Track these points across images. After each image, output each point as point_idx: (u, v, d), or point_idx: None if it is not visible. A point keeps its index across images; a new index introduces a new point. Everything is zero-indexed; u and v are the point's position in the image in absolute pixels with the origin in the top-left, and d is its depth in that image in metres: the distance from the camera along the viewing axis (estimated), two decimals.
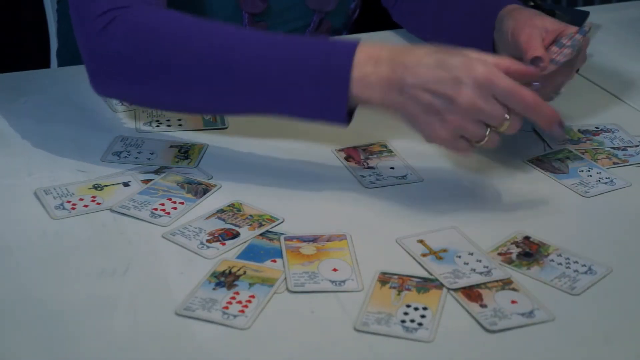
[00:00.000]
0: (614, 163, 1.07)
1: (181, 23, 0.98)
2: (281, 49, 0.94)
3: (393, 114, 0.94)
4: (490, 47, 1.15)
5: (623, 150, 1.10)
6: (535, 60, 1.01)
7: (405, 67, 0.91)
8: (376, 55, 0.93)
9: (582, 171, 1.05)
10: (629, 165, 1.07)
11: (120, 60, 0.98)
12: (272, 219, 0.94)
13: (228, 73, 0.95)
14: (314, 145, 1.08)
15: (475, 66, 0.89)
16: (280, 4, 1.29)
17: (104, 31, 0.98)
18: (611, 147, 1.10)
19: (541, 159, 1.08)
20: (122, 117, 1.13)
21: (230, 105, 0.98)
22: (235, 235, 0.91)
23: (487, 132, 0.90)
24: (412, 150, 1.08)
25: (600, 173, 1.05)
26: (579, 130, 1.14)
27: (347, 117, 0.95)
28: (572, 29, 1.06)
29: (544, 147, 1.11)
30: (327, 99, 0.93)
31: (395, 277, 0.86)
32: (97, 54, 0.99)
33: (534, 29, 1.06)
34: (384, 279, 0.86)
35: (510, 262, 0.89)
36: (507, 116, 0.90)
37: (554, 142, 1.11)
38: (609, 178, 1.04)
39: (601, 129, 1.15)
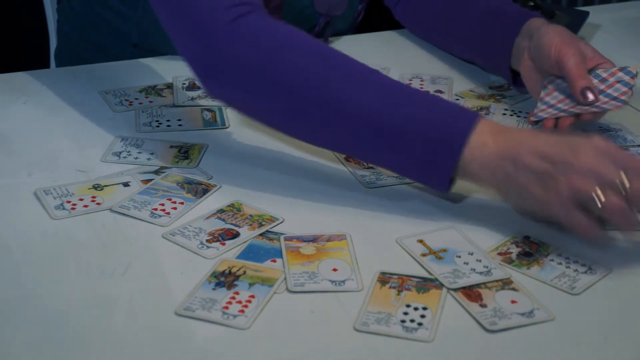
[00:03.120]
0: None
1: (309, 45, 0.95)
2: (402, 102, 0.92)
3: (502, 190, 0.91)
4: (508, 56, 1.16)
5: (626, 150, 1.10)
6: (584, 92, 1.01)
7: (521, 139, 0.90)
8: (496, 128, 0.91)
9: None
10: None
11: (241, 62, 0.93)
12: (272, 219, 0.94)
13: (340, 112, 0.92)
14: (314, 145, 1.08)
15: (593, 138, 0.88)
16: (291, 13, 1.29)
17: (233, 24, 0.93)
18: None
19: None
20: (122, 117, 1.13)
21: (335, 144, 0.97)
22: (235, 235, 0.91)
23: (603, 194, 0.85)
24: None
25: None
26: (583, 130, 1.15)
27: (449, 184, 0.93)
28: (608, 64, 1.07)
29: None
30: (435, 164, 0.91)
31: (395, 277, 0.86)
32: (220, 49, 0.93)
33: (579, 55, 1.06)
34: (384, 278, 0.86)
35: (510, 261, 0.89)
36: (624, 177, 0.85)
37: None
38: None
39: (604, 129, 1.15)
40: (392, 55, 1.33)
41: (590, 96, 1.03)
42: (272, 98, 0.94)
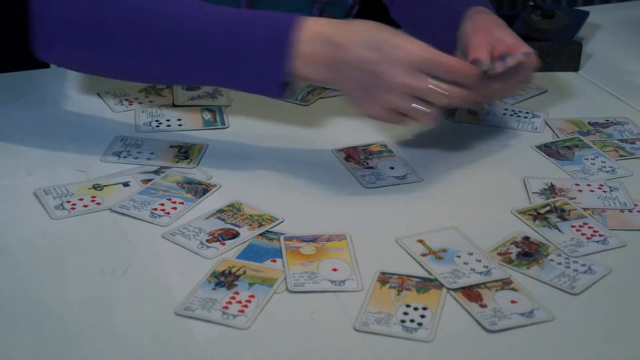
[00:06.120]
0: (621, 156, 1.08)
1: None
2: (226, 20, 0.97)
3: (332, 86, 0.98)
4: (452, 46, 1.15)
5: (631, 143, 1.10)
6: (474, 62, 1.03)
7: (345, 48, 0.94)
8: (320, 32, 0.95)
9: (587, 159, 1.06)
10: (635, 158, 1.07)
11: (65, 24, 0.98)
12: (271, 219, 0.94)
13: (170, 41, 0.96)
14: (313, 145, 1.09)
15: (404, 46, 0.93)
16: (282, 4, 1.29)
17: None
18: (619, 140, 1.11)
19: (549, 145, 1.09)
20: (122, 117, 1.13)
21: (171, 73, 1.00)
22: (235, 235, 0.91)
23: (419, 106, 0.94)
24: (412, 150, 1.08)
25: (604, 162, 1.05)
26: (589, 123, 1.15)
27: (282, 89, 0.97)
28: (525, 48, 1.06)
29: (552, 135, 1.13)
30: (265, 73, 0.96)
31: (395, 277, 0.86)
32: (43, 16, 0.99)
33: (487, 37, 1.06)
34: (384, 279, 0.86)
35: (509, 262, 0.89)
36: (431, 85, 0.93)
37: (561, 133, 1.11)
38: (611, 167, 1.04)
39: (611, 122, 1.15)
40: None
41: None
42: (101, 50, 0.99)
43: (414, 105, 0.94)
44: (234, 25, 0.96)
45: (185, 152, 1.06)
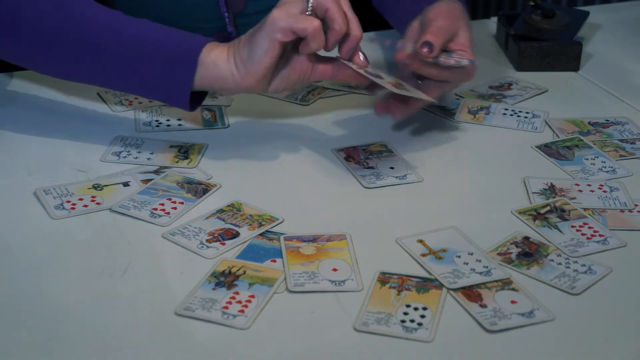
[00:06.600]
0: (621, 156, 1.08)
1: None
2: (137, 29, 0.99)
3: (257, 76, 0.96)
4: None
5: (631, 143, 1.10)
6: (424, 44, 1.00)
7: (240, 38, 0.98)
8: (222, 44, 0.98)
9: (587, 159, 1.06)
10: (635, 158, 1.07)
11: None
12: (272, 219, 0.94)
13: (78, 43, 0.98)
14: (314, 145, 1.08)
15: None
16: None
17: None
18: (619, 140, 1.11)
19: (549, 145, 1.09)
20: (122, 117, 1.13)
21: (77, 73, 1.02)
22: (235, 235, 0.91)
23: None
24: (412, 150, 1.08)
25: (604, 162, 1.05)
26: (589, 123, 1.15)
27: (191, 102, 1.00)
28: (469, 54, 1.04)
29: (552, 135, 1.12)
30: (173, 81, 0.98)
31: (395, 277, 0.86)
32: None
33: (452, 27, 1.04)
34: (384, 278, 0.86)
35: (509, 262, 0.89)
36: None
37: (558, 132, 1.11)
38: (611, 167, 1.04)
39: (611, 122, 1.15)
40: (392, 55, 1.33)
41: (425, 49, 1.00)
42: (20, 42, 1.01)
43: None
44: (143, 36, 0.99)
45: (185, 152, 1.06)
